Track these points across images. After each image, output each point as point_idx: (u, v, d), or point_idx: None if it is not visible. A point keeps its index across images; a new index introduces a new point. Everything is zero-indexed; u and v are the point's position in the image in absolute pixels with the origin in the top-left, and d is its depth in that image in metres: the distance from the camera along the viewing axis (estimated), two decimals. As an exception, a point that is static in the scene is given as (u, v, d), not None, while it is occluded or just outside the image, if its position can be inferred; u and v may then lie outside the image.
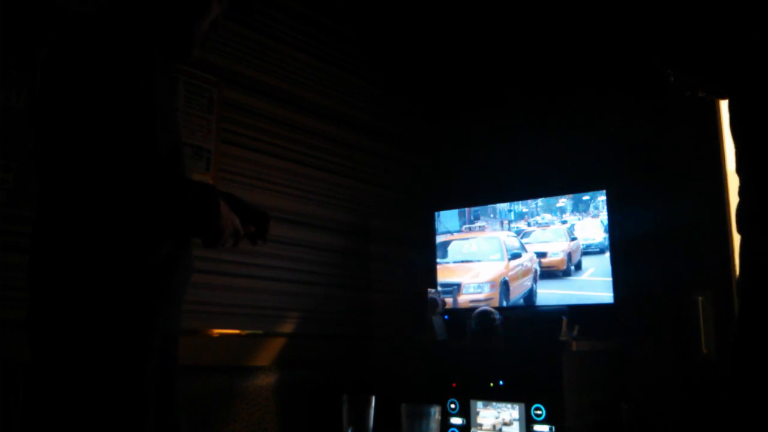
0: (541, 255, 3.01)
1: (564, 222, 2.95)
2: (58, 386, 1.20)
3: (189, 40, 1.40)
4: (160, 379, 1.29)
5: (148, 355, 1.25)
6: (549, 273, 2.96)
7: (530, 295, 3.02)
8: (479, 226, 3.24)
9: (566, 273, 2.92)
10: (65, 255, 1.24)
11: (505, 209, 3.13)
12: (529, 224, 3.09)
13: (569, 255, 2.92)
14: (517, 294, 3.06)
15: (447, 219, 3.29)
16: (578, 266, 2.88)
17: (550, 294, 2.95)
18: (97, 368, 1.20)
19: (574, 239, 2.91)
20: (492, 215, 3.16)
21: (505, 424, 2.58)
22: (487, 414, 2.63)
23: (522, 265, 3.08)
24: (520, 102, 3.39)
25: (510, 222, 3.09)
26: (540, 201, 3.02)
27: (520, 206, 3.11)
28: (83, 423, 1.18)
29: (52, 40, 1.34)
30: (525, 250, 3.08)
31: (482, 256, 3.21)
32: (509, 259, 3.13)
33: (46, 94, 1.29)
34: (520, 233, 3.09)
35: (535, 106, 3.33)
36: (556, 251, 2.97)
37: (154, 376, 1.26)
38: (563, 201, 2.98)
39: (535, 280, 3.01)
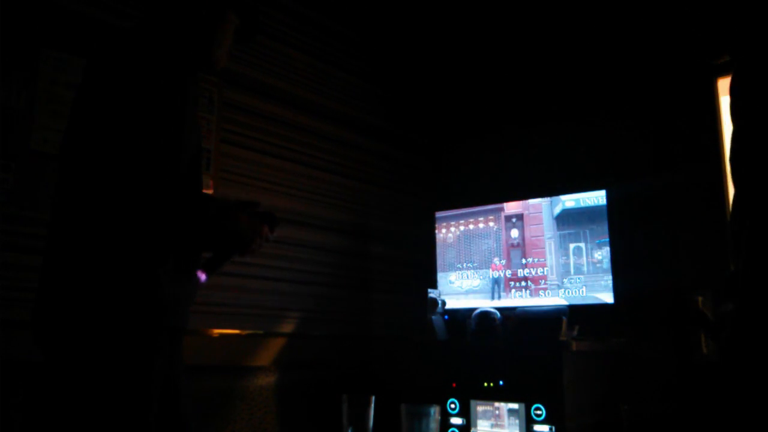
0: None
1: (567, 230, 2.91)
2: (66, 382, 1.21)
3: (211, 51, 1.45)
4: (166, 377, 1.31)
5: (156, 353, 1.26)
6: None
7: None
8: None
9: (557, 286, 2.86)
10: (81, 254, 1.25)
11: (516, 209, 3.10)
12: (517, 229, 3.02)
13: (560, 266, 2.87)
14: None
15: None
16: (570, 273, 2.84)
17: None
18: (106, 365, 1.21)
19: (566, 248, 2.86)
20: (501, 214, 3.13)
21: (502, 425, 2.58)
22: (487, 414, 2.63)
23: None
24: (520, 102, 3.39)
25: (515, 219, 3.07)
26: (546, 201, 3.00)
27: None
28: (89, 418, 1.19)
29: (91, 51, 1.41)
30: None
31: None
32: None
33: (82, 103, 1.33)
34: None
35: (535, 106, 3.33)
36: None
37: (160, 374, 1.27)
38: (571, 202, 2.90)
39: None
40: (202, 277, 1.40)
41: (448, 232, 3.25)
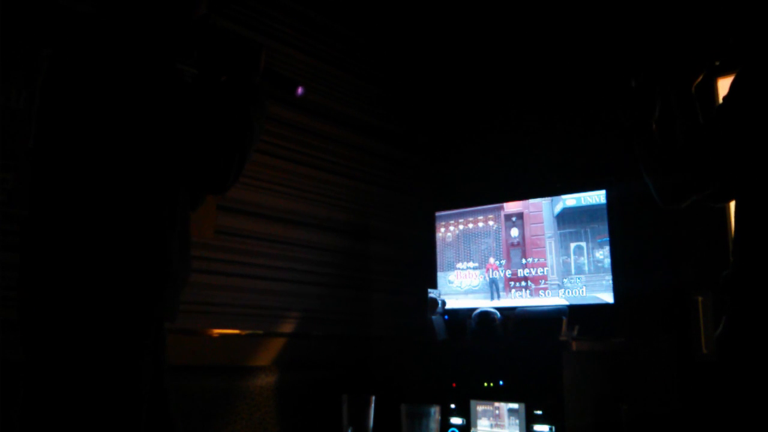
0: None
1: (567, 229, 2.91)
2: (54, 384, 1.20)
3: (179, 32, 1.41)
4: (153, 376, 1.30)
5: (143, 352, 1.26)
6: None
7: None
8: None
9: (557, 285, 2.85)
10: (63, 252, 1.24)
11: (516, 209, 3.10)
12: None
13: (561, 265, 2.86)
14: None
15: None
16: (571, 272, 2.83)
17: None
18: (93, 365, 1.20)
19: (567, 247, 2.86)
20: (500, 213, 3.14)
21: (502, 425, 2.58)
22: (487, 414, 2.63)
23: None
24: (520, 101, 3.39)
25: (514, 219, 3.07)
26: (546, 199, 3.00)
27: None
28: (79, 420, 1.19)
29: (57, 39, 1.38)
30: None
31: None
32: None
33: (52, 93, 1.30)
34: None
35: (535, 105, 3.33)
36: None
37: (148, 373, 1.27)
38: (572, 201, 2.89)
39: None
40: (299, 90, 1.43)
41: (447, 231, 3.24)
